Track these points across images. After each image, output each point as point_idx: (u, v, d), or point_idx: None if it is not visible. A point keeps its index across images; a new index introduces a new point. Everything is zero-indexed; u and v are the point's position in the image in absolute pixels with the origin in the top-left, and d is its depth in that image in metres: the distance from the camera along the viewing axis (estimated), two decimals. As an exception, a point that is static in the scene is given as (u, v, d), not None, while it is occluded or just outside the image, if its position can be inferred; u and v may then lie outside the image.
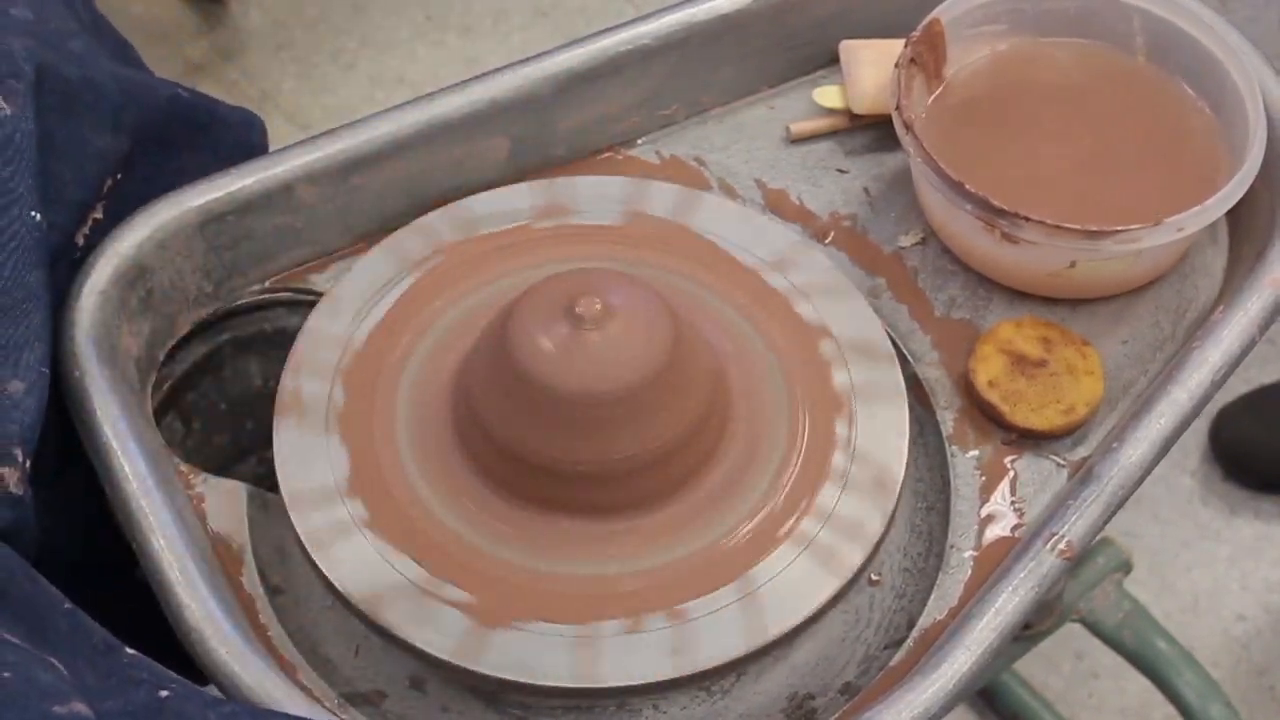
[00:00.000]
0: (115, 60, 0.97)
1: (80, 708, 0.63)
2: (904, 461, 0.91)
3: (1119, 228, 0.94)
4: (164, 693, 0.66)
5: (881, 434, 0.92)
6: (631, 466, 0.86)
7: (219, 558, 0.89)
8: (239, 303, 1.02)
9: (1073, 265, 0.97)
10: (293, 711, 0.75)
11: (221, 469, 0.95)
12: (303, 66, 2.08)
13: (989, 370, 0.96)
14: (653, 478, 0.87)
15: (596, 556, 0.87)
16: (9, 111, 0.86)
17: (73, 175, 0.89)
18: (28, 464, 0.81)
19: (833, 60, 1.12)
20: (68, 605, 0.75)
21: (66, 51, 0.91)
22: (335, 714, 0.83)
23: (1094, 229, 0.94)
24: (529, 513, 0.87)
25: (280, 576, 0.91)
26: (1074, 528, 0.87)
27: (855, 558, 0.87)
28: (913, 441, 0.93)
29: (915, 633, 0.88)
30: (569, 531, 0.87)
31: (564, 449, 0.85)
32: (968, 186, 0.96)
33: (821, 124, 1.10)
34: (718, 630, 0.84)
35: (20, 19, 0.90)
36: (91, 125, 0.93)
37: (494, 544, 0.86)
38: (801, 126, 1.10)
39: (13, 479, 0.80)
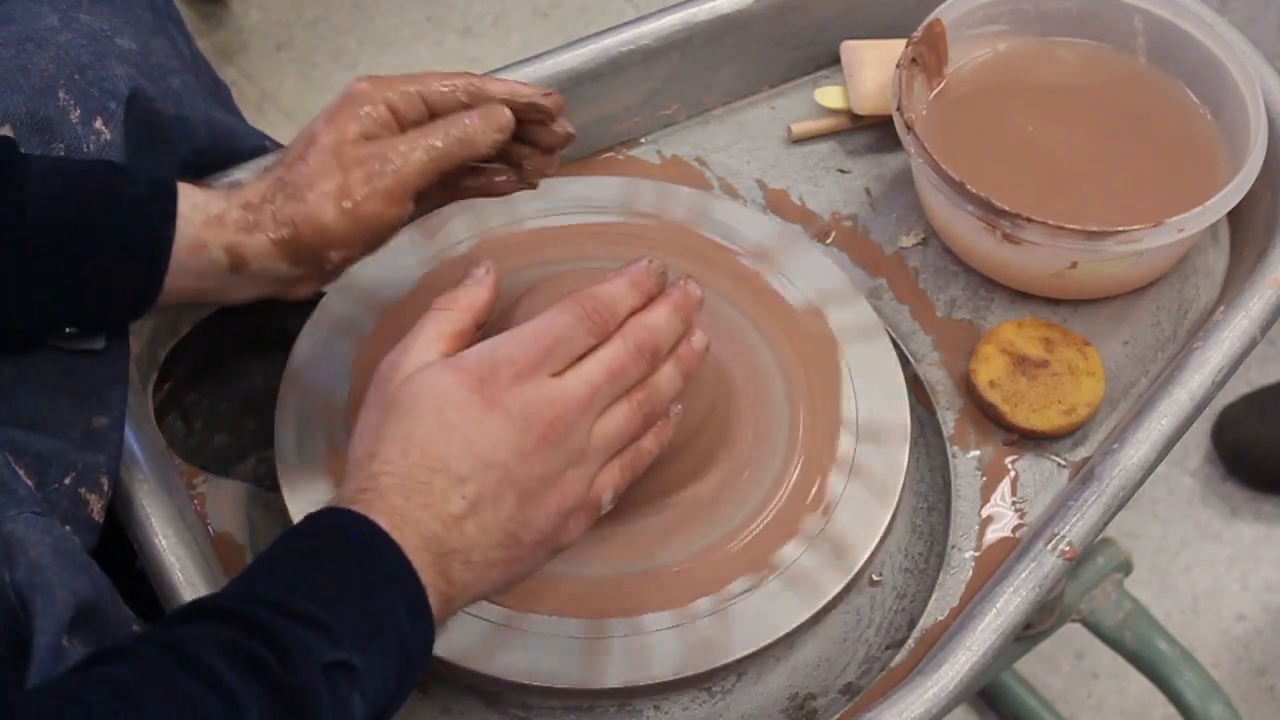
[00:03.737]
0: (210, 100, 0.99)
1: None
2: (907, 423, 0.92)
3: (1120, 228, 0.94)
4: None
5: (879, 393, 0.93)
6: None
7: (220, 557, 0.89)
8: (240, 303, 1.01)
9: (1074, 266, 0.97)
10: None
11: (222, 469, 0.95)
12: (303, 66, 2.08)
13: (990, 371, 0.96)
14: (663, 473, 0.86)
15: (607, 556, 0.87)
16: (108, 137, 0.89)
17: None
18: (110, 493, 0.84)
19: (834, 60, 1.12)
20: (135, 627, 0.78)
21: (165, 87, 0.93)
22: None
23: (1095, 230, 0.94)
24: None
25: (281, 576, 0.91)
26: (1075, 528, 0.87)
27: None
28: (914, 441, 0.93)
29: (916, 633, 0.88)
30: (586, 532, 0.87)
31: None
32: (969, 187, 0.96)
33: (823, 124, 1.10)
34: (778, 603, 0.85)
35: (125, 48, 0.92)
36: (167, 163, 0.95)
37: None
38: (803, 127, 1.10)
39: (96, 506, 0.82)
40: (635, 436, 0.78)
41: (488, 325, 0.81)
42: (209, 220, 0.81)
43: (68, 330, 0.82)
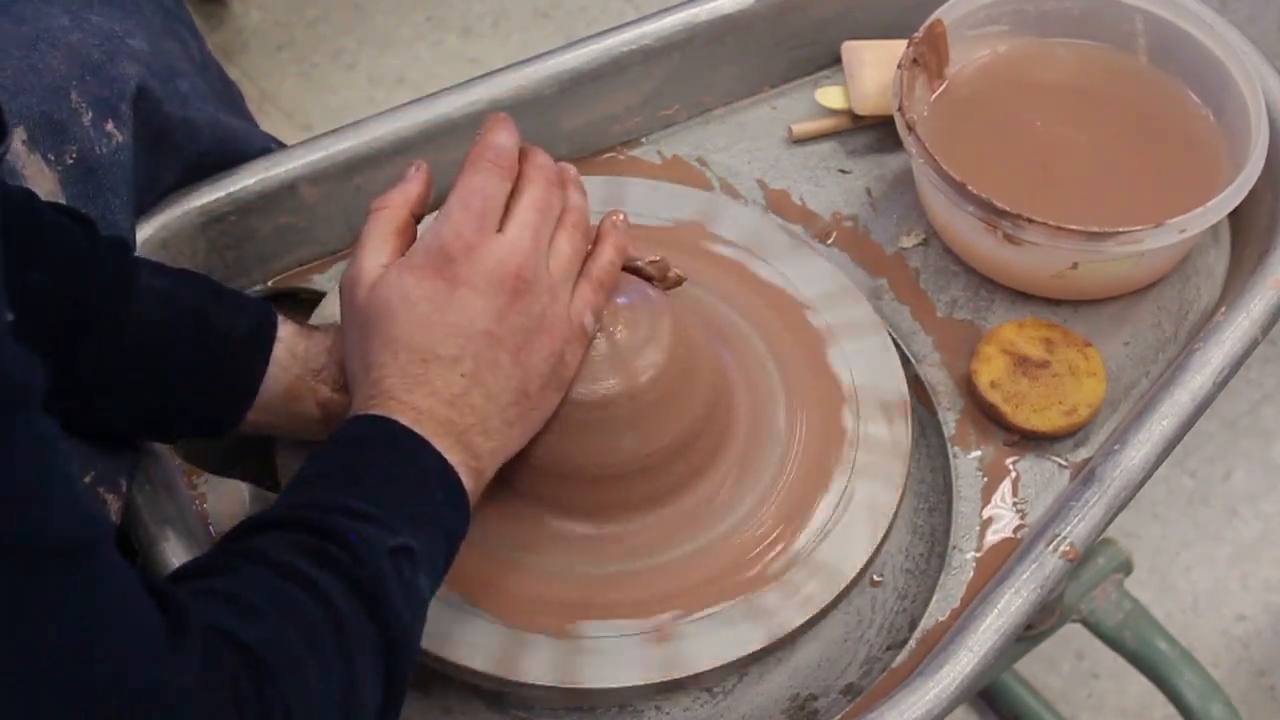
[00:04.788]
0: (219, 103, 1.00)
1: None
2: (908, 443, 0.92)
3: (1121, 229, 0.94)
4: None
5: (876, 372, 0.94)
6: (636, 467, 0.86)
7: (221, 558, 0.89)
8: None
9: (1075, 266, 0.97)
10: None
11: (222, 469, 0.95)
12: (303, 66, 2.08)
13: (991, 371, 0.96)
14: (662, 475, 0.87)
15: (610, 557, 0.87)
16: (120, 139, 0.89)
17: (123, 203, 0.91)
18: (127, 496, 0.85)
19: (835, 60, 1.12)
20: None
21: (173, 88, 0.94)
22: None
23: (1096, 230, 0.94)
24: (535, 515, 0.87)
25: (282, 577, 0.91)
26: (1076, 529, 0.87)
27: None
28: (915, 441, 0.93)
29: (917, 634, 0.88)
30: (583, 533, 0.87)
31: (565, 450, 0.85)
32: (970, 187, 0.96)
33: (824, 124, 1.10)
34: (779, 603, 0.85)
35: (137, 49, 0.92)
36: (172, 165, 0.96)
37: (501, 545, 0.87)
38: (804, 127, 1.10)
39: (114, 507, 0.84)
40: (582, 255, 0.83)
41: None
42: (306, 373, 0.84)
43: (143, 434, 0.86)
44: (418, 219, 0.83)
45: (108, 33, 0.90)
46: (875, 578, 0.92)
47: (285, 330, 0.84)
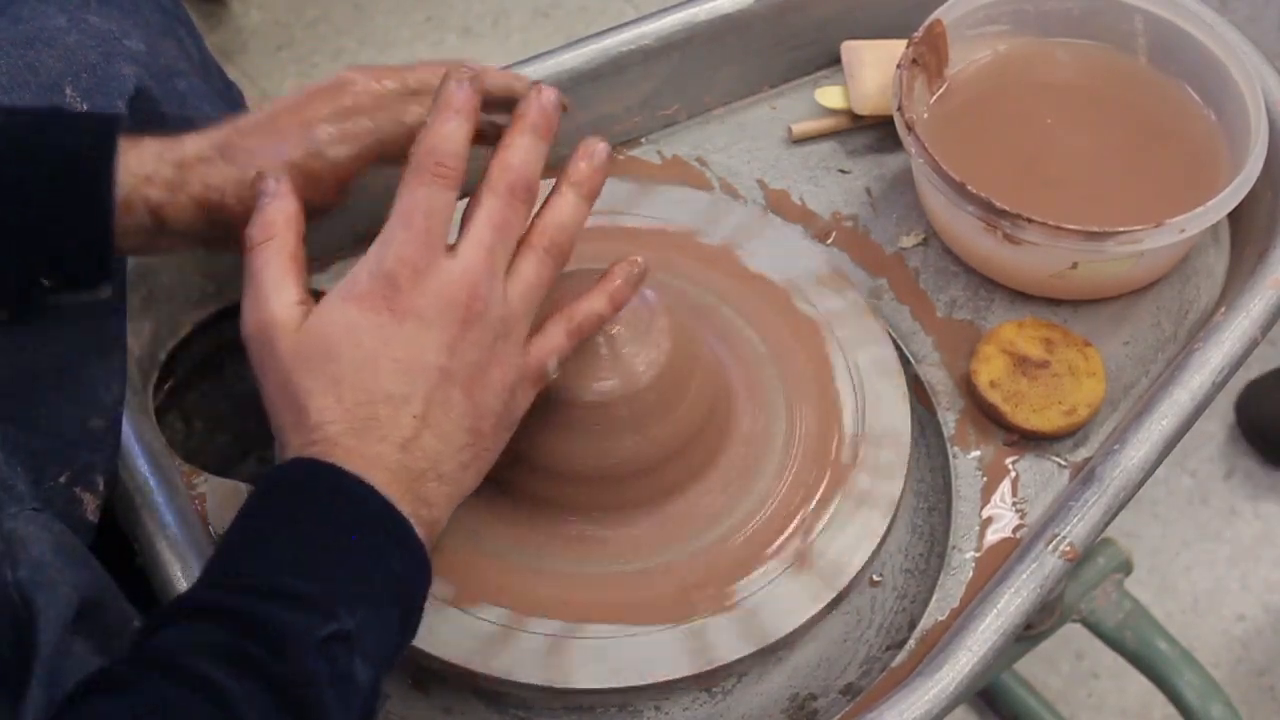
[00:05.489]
0: (220, 102, 0.99)
1: None
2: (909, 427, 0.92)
3: (1121, 229, 0.94)
4: None
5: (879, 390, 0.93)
6: (636, 467, 0.86)
7: (221, 558, 0.89)
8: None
9: (1074, 266, 0.97)
10: None
11: (222, 469, 0.95)
12: (303, 66, 2.09)
13: (991, 371, 0.96)
14: (661, 475, 0.87)
15: (609, 556, 0.87)
16: None
17: None
18: (105, 494, 0.83)
19: (835, 60, 1.12)
20: (136, 623, 0.78)
21: (170, 88, 0.93)
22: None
23: (1096, 230, 0.94)
24: (534, 515, 0.87)
25: (282, 577, 0.91)
26: (1075, 529, 0.87)
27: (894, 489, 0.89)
28: (914, 441, 0.93)
29: (917, 634, 0.88)
30: (582, 533, 0.87)
31: (564, 451, 0.85)
32: (970, 187, 0.96)
33: (823, 124, 1.10)
34: (779, 602, 0.85)
35: (133, 49, 0.91)
36: None
37: (499, 546, 0.87)
38: (803, 127, 1.10)
39: (91, 506, 0.82)
40: (549, 283, 0.76)
41: None
42: (139, 181, 0.77)
43: (45, 283, 0.77)
44: (303, 240, 0.75)
45: (105, 33, 0.90)
46: (874, 577, 0.92)
47: (122, 143, 0.77)
